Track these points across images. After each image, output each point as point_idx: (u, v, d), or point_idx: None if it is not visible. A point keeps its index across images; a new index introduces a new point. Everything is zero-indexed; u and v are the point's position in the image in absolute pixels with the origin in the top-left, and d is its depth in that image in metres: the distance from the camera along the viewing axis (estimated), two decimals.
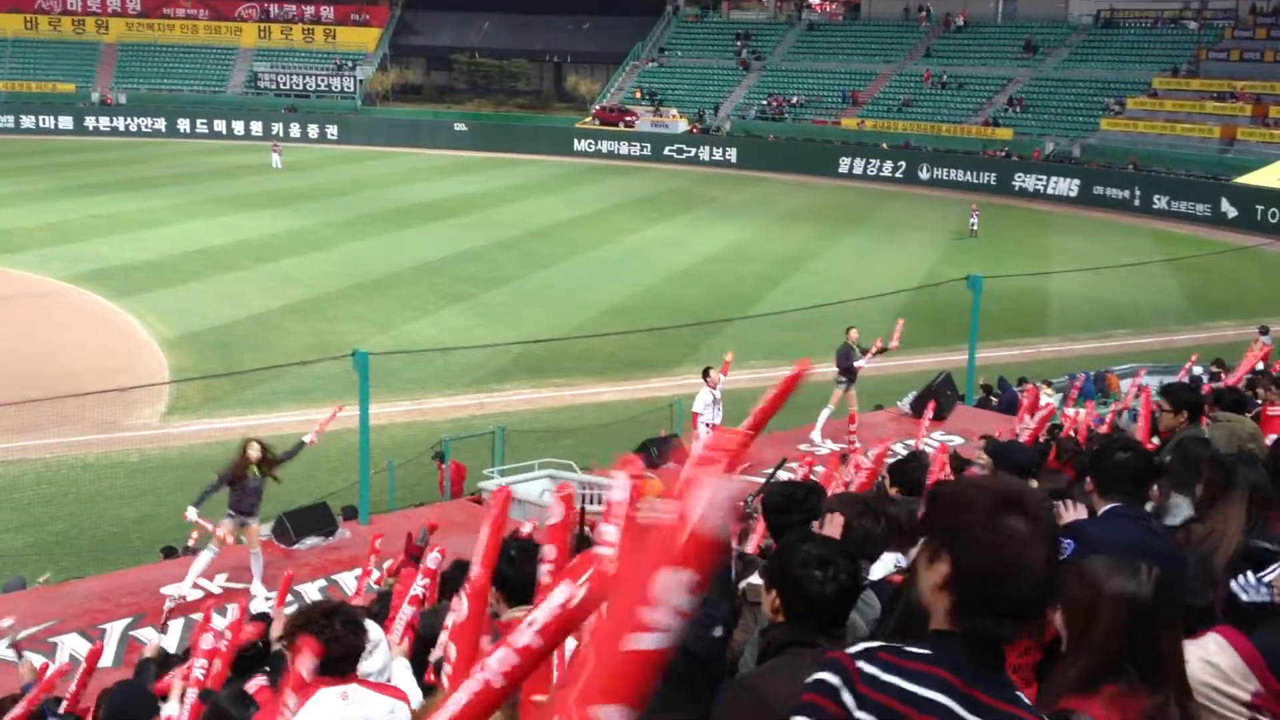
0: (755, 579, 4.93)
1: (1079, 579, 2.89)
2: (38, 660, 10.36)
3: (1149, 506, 5.13)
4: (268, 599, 12.80)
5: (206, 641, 6.27)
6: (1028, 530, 2.33)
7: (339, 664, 4.22)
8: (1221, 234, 49.31)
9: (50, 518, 19.12)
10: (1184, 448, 5.69)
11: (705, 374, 17.52)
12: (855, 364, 19.00)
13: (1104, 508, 4.66)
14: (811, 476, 14.03)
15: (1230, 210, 51.99)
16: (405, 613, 5.62)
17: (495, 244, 42.76)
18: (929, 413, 16.64)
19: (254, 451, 13.04)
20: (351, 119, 78.11)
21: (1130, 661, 2.75)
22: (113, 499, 20.05)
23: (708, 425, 16.50)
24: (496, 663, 2.30)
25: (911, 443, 18.18)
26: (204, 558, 12.85)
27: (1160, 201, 55.04)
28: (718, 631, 3.86)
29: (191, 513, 13.11)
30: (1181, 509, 5.10)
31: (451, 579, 7.75)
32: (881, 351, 19.45)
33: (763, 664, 3.51)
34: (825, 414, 18.48)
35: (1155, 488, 5.24)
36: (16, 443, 21.21)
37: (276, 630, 7.50)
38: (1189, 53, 64.89)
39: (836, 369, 18.92)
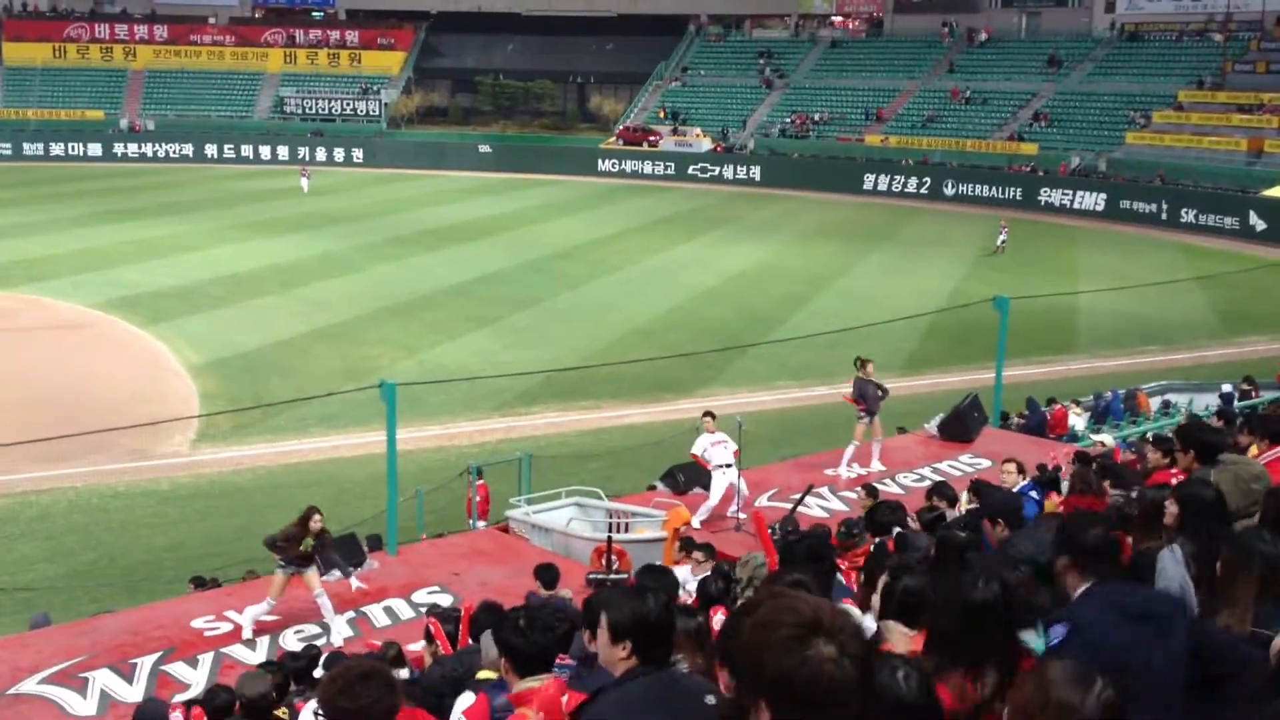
0: None
1: (1036, 677, 2.92)
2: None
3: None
4: (298, 631, 12.83)
5: None
6: (834, 651, 2.27)
7: None
8: (1250, 247, 48.98)
9: (82, 547, 19.25)
10: (1190, 500, 5.56)
11: (705, 417, 16.69)
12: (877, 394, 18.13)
13: (1080, 588, 4.58)
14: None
15: (1259, 223, 51.61)
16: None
17: (521, 265, 42.89)
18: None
19: (316, 524, 12.88)
20: (377, 142, 78.60)
21: None
22: (143, 527, 20.17)
23: (721, 468, 16.03)
24: None
25: (939, 466, 18.14)
26: (260, 609, 12.76)
27: (1188, 215, 54.70)
28: None
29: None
30: (1167, 568, 4.89)
31: (482, 621, 7.77)
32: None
33: None
34: (851, 449, 18.07)
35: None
36: (48, 471, 21.41)
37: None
38: (1214, 65, 64.52)
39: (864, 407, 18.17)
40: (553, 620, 5.04)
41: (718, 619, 5.45)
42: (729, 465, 15.82)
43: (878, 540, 8.14)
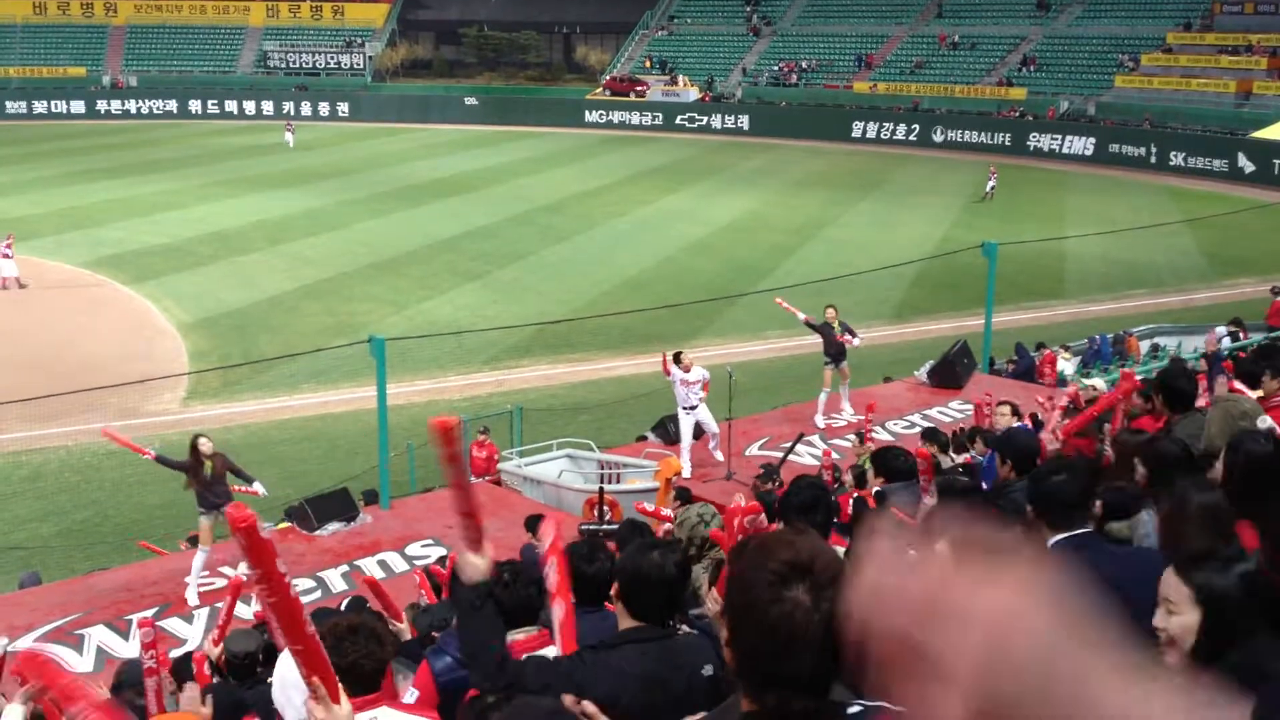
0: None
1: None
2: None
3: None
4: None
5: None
6: (809, 600, 2.21)
7: (373, 680, 4.14)
8: (1239, 189, 48.95)
9: (74, 506, 19.27)
10: (1155, 457, 5.46)
11: (677, 358, 16.56)
12: (850, 340, 18.36)
13: (1050, 540, 4.31)
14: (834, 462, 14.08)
15: (1247, 165, 51.57)
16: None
17: (508, 219, 42.72)
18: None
19: (205, 446, 13.01)
20: (362, 96, 78.03)
21: None
22: (135, 485, 20.16)
23: (685, 409, 16.24)
24: None
25: (928, 413, 18.23)
26: (197, 560, 12.87)
27: (1177, 158, 54.66)
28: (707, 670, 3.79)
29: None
30: (1147, 524, 4.85)
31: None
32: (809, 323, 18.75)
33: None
34: (823, 397, 18.36)
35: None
36: (39, 431, 21.37)
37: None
38: (1203, 7, 64.18)
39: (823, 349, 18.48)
40: (536, 572, 5.05)
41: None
42: (693, 407, 16.04)
43: (855, 498, 8.02)
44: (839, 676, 2.30)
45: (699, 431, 16.63)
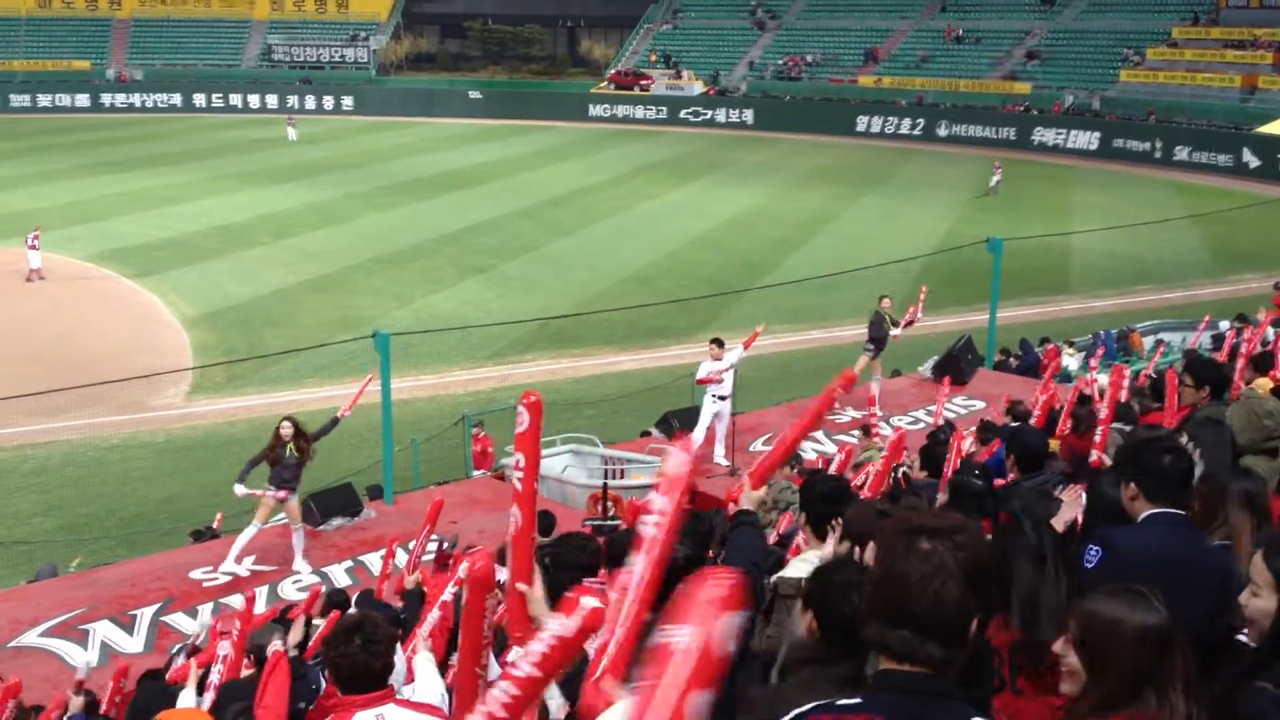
0: (789, 572, 4.88)
1: (1091, 615, 2.89)
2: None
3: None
4: (294, 580, 12.91)
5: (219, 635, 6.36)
6: (939, 551, 2.42)
7: (355, 683, 4.15)
8: (1244, 184, 48.86)
9: (79, 500, 19.27)
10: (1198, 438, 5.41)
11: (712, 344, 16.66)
12: (891, 333, 18.74)
13: (1144, 513, 4.32)
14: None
15: (1252, 160, 51.50)
16: (433, 618, 5.62)
17: (513, 213, 42.70)
18: (945, 385, 16.53)
19: (286, 430, 13.11)
20: (366, 89, 77.96)
21: (1149, 685, 2.76)
22: (140, 480, 20.20)
23: (716, 397, 16.30)
24: (498, 695, 2.36)
25: (933, 409, 18.18)
26: (246, 533, 12.96)
27: (1182, 153, 54.56)
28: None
29: (240, 489, 13.22)
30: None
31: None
32: (910, 324, 19.17)
33: (784, 680, 3.53)
34: (875, 386, 18.35)
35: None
36: (43, 425, 21.38)
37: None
38: (1209, 1, 64.03)
39: (867, 336, 18.68)
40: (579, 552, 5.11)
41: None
42: (725, 396, 16.07)
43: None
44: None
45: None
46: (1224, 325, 22.81)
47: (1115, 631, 2.81)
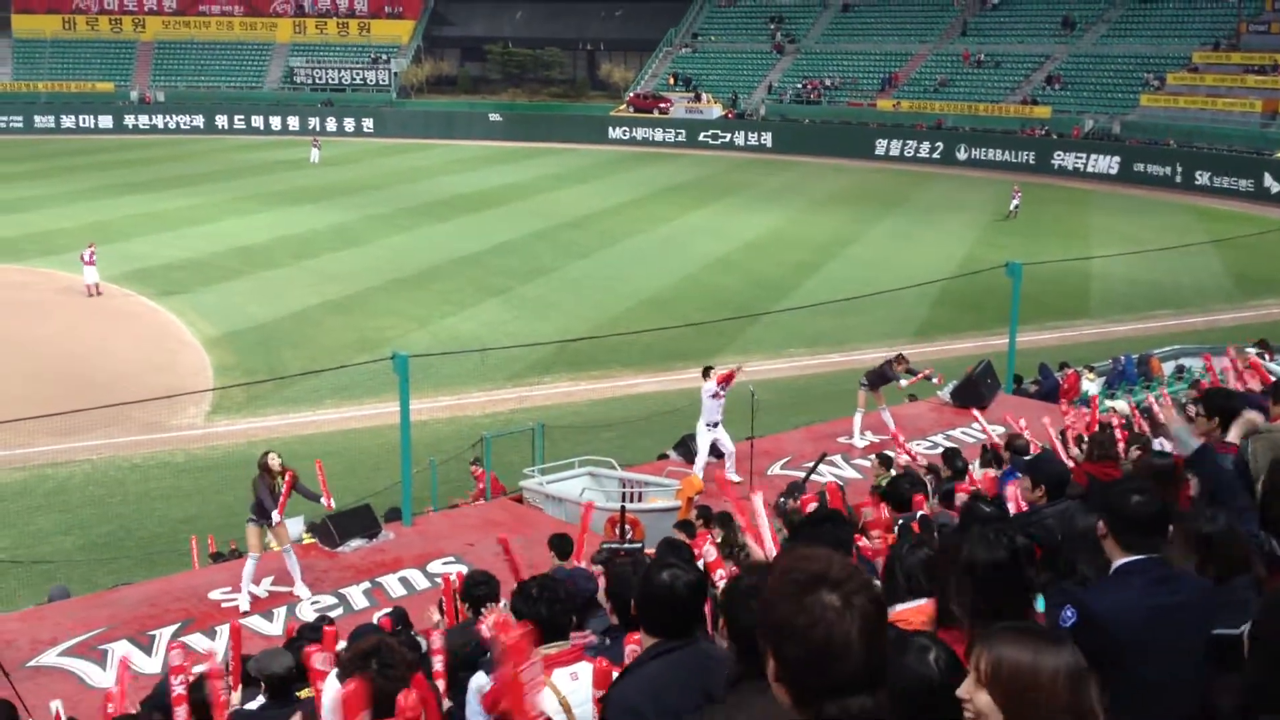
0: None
1: (1002, 658, 2.74)
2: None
3: None
4: (314, 602, 12.92)
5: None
6: (836, 601, 2.33)
7: (375, 705, 4.17)
8: (1265, 209, 48.71)
9: (99, 519, 19.37)
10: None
11: (705, 373, 16.82)
12: (899, 383, 18.70)
13: (1118, 562, 4.19)
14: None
15: (1273, 185, 51.31)
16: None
17: (532, 235, 42.84)
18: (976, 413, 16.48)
19: (275, 461, 13.16)
20: (387, 112, 78.41)
21: None
22: (159, 499, 20.30)
23: (709, 424, 16.51)
24: None
25: (953, 433, 18.16)
26: (249, 567, 12.97)
27: (1202, 178, 54.39)
28: None
29: (285, 523, 13.33)
30: None
31: (475, 594, 7.85)
32: (920, 378, 19.01)
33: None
34: (859, 418, 18.32)
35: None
36: (64, 444, 21.51)
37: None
38: (1229, 26, 63.91)
39: (869, 375, 18.50)
40: (560, 591, 5.09)
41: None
42: (716, 423, 16.24)
43: (901, 522, 7.94)
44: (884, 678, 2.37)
45: (716, 451, 16.71)
46: (1251, 351, 22.65)
47: (1032, 674, 2.70)
